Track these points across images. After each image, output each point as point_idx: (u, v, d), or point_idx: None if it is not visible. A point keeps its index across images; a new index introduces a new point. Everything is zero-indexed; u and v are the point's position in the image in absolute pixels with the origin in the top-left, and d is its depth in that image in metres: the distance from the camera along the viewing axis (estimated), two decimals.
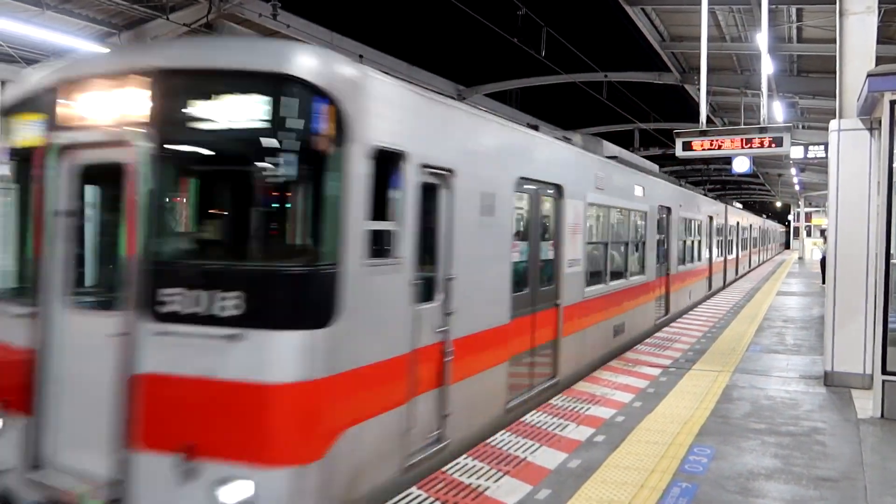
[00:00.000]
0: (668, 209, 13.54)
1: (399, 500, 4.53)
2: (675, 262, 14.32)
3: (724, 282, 22.19)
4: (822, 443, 5.98)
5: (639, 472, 5.18)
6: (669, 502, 4.62)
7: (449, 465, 5.20)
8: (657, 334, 11.95)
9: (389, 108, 4.61)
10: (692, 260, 16.46)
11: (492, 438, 5.89)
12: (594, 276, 9.12)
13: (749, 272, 30.22)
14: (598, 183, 9.08)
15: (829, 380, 8.14)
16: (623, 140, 29.10)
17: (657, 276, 12.79)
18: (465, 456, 5.43)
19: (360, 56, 14.12)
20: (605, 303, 9.51)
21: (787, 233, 66.95)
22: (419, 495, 4.62)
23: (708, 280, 18.99)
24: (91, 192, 4.77)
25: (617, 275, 10.29)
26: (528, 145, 7.08)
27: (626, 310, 10.66)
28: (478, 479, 4.95)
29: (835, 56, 8.52)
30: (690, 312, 15.19)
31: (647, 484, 4.94)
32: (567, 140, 9.01)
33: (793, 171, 32.29)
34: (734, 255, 24.83)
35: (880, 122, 7.25)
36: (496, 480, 4.93)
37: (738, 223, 25.67)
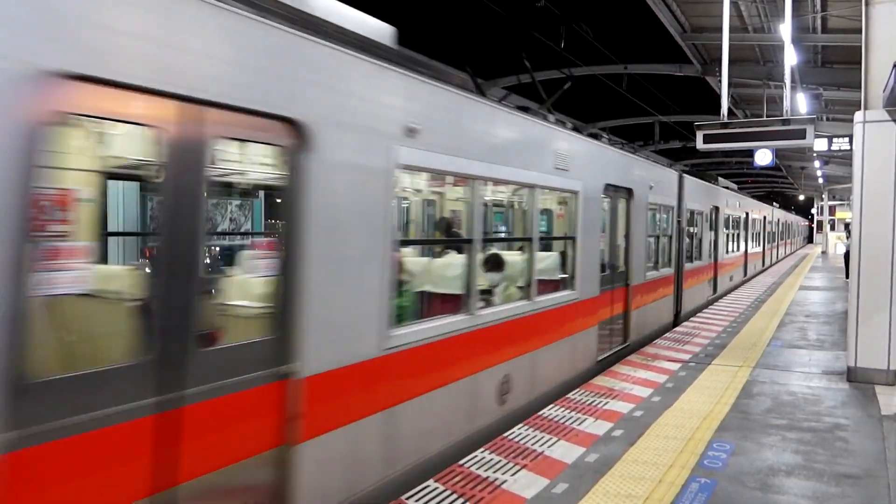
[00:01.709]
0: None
1: (417, 493, 4.55)
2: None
3: (745, 274, 22.31)
4: (845, 439, 5.90)
5: (657, 467, 5.15)
6: (688, 497, 4.59)
7: (466, 459, 5.21)
8: (677, 328, 11.86)
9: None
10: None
11: (509, 432, 5.88)
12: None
13: (765, 270, 29.34)
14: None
15: (852, 375, 8.03)
16: (643, 133, 28.86)
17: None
18: (482, 449, 5.43)
19: None
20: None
21: (809, 225, 65.89)
22: (436, 488, 4.63)
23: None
24: None
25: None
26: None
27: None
28: (495, 472, 4.95)
29: (860, 46, 8.36)
30: (715, 303, 15.24)
31: (666, 479, 4.91)
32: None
33: (816, 163, 31.82)
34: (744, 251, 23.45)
35: None
36: (513, 474, 4.93)
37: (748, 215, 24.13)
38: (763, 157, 14.30)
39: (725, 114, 10.57)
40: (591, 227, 8.32)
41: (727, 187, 20.39)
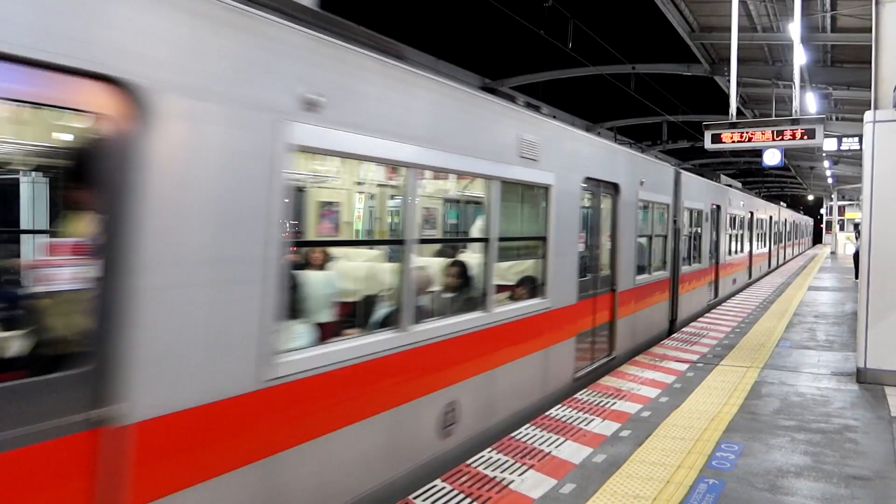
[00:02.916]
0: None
1: (423, 492, 4.55)
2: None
3: (750, 276, 22.01)
4: (854, 440, 5.87)
5: (665, 467, 5.14)
6: (696, 498, 4.57)
7: (473, 459, 5.21)
8: (684, 329, 11.82)
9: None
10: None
11: (517, 432, 5.88)
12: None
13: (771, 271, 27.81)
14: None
15: (861, 377, 7.98)
16: (651, 133, 28.79)
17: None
18: (489, 449, 5.43)
19: None
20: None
21: (817, 226, 65.23)
22: (443, 487, 4.63)
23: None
24: None
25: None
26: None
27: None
28: (502, 472, 4.95)
29: (870, 45, 8.31)
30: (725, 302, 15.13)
31: (674, 480, 4.89)
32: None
33: (826, 163, 31.66)
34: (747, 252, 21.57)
35: None
36: (521, 474, 4.92)
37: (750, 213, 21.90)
38: (772, 157, 14.25)
39: (734, 113, 10.54)
40: (567, 226, 7.24)
41: (730, 185, 19.43)
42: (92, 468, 2.70)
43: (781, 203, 36.33)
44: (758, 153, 18.32)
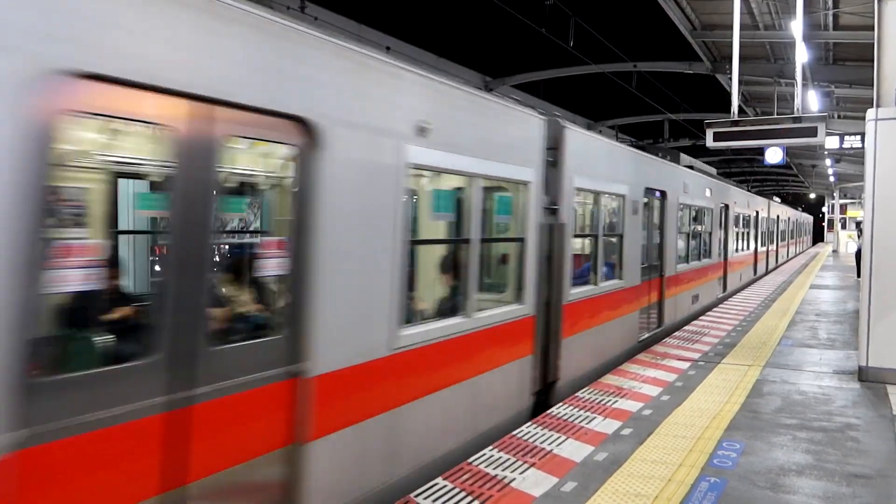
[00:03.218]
0: (664, 194, 11.46)
1: (425, 490, 4.55)
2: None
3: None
4: (856, 439, 5.87)
5: (666, 466, 5.14)
6: (698, 497, 4.57)
7: (474, 457, 5.21)
8: (686, 327, 11.81)
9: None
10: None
11: (518, 430, 5.88)
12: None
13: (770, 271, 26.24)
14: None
15: (863, 375, 7.97)
16: (652, 131, 28.76)
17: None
18: (490, 448, 5.43)
19: (388, 48, 14.13)
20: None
21: (819, 224, 64.92)
22: (445, 486, 4.63)
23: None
24: None
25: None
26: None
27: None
28: (504, 470, 4.95)
29: (872, 43, 8.30)
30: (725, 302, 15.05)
31: (675, 478, 4.89)
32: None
33: (827, 162, 31.62)
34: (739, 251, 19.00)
35: None
36: (522, 472, 4.92)
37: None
38: (773, 156, 14.23)
39: (736, 111, 10.53)
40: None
41: (691, 167, 14.29)
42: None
43: (774, 198, 32.83)
44: (759, 152, 18.30)
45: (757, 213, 22.05)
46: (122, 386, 2.91)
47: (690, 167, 14.14)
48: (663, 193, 11.09)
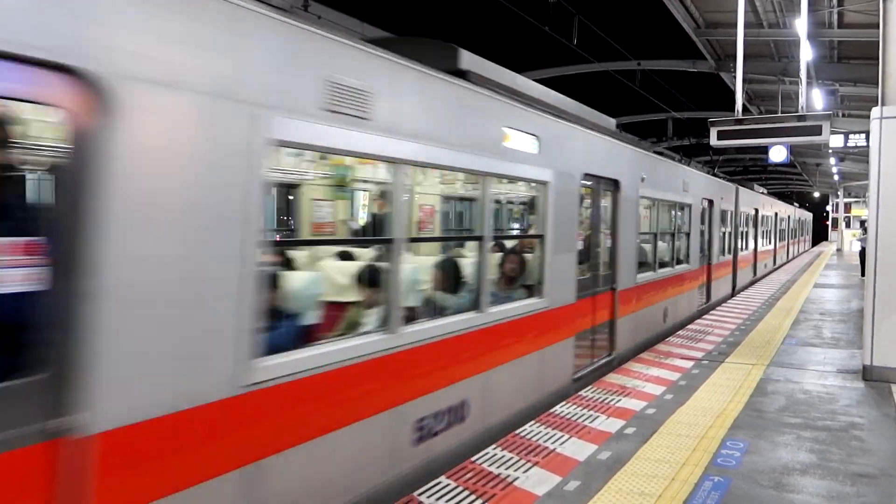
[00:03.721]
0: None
1: (428, 489, 4.56)
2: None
3: (755, 273, 21.71)
4: (860, 438, 5.85)
5: (670, 465, 5.13)
6: (701, 496, 4.56)
7: (477, 455, 5.21)
8: (690, 326, 11.79)
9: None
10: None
11: (521, 429, 5.88)
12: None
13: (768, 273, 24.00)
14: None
15: (867, 374, 7.95)
16: (656, 130, 28.71)
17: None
18: (493, 446, 5.43)
19: None
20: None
21: (822, 222, 64.58)
22: (448, 484, 4.63)
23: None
24: None
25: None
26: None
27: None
28: (506, 469, 4.95)
29: (877, 41, 8.27)
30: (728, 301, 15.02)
31: (679, 477, 4.88)
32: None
33: (832, 160, 31.55)
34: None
35: None
36: (525, 471, 4.92)
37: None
38: (778, 154, 14.21)
39: (740, 110, 10.50)
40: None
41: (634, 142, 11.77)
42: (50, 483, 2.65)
43: (758, 187, 25.43)
44: (764, 150, 18.27)
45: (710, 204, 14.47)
46: None
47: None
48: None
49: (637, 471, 5.00)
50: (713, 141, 10.11)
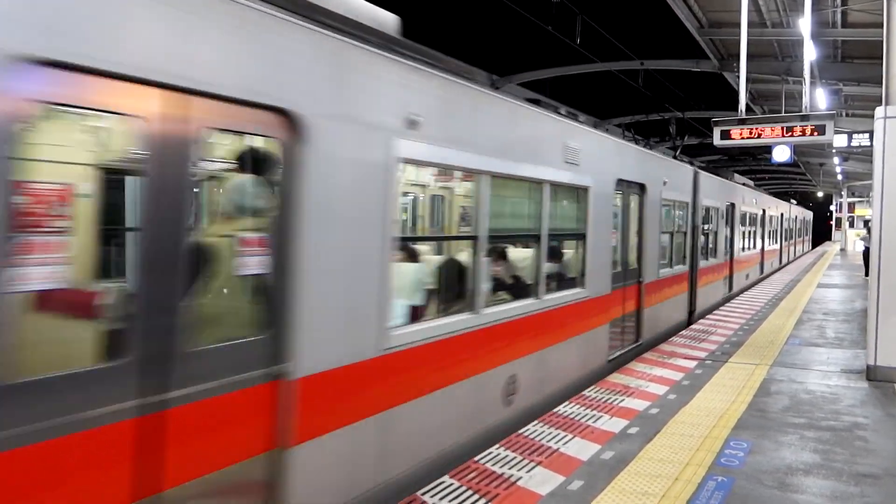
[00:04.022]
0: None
1: (432, 488, 4.56)
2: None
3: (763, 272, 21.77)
4: (864, 438, 5.84)
5: (673, 464, 5.13)
6: (705, 495, 4.56)
7: (481, 455, 5.22)
8: (693, 326, 11.78)
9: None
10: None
11: (524, 429, 5.88)
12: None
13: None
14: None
15: (871, 374, 7.94)
16: (659, 129, 28.67)
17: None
18: (497, 446, 5.44)
19: None
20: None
21: (826, 222, 64.29)
22: (451, 484, 4.64)
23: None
24: None
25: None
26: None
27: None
28: (510, 468, 4.95)
29: (881, 41, 8.25)
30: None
31: (682, 477, 4.88)
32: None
33: (835, 160, 31.47)
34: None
35: None
36: (529, 471, 4.93)
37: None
38: (781, 154, 14.18)
39: (743, 109, 10.49)
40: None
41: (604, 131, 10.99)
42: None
43: (738, 177, 19.79)
44: (767, 150, 18.21)
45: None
46: None
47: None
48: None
49: (640, 470, 5.00)
50: (717, 140, 10.10)
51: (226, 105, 3.29)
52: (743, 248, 18.52)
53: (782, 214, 28.33)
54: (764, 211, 22.42)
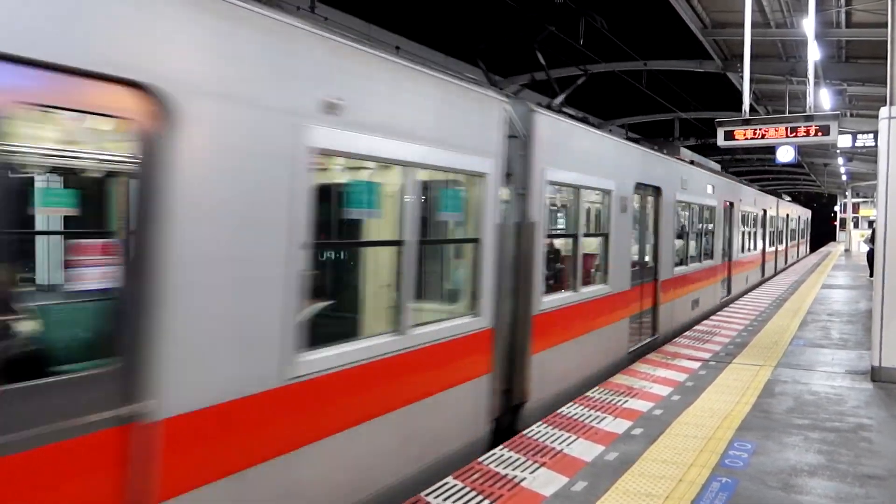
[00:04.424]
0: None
1: (436, 490, 4.56)
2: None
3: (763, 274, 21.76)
4: (869, 439, 5.83)
5: (677, 465, 5.12)
6: (709, 497, 4.55)
7: (485, 456, 5.22)
8: (696, 327, 11.76)
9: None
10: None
11: (528, 430, 5.88)
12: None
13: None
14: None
15: (876, 375, 7.91)
16: (663, 130, 28.64)
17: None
18: (500, 447, 5.43)
19: (397, 48, 14.14)
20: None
21: (830, 222, 64.00)
22: (455, 485, 4.64)
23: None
24: None
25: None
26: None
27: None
28: (514, 469, 4.95)
29: (885, 41, 8.23)
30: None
31: (686, 478, 4.87)
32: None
33: (840, 160, 31.39)
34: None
35: None
36: (532, 472, 4.92)
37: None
38: (785, 154, 14.13)
39: (747, 110, 10.48)
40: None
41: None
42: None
43: (683, 150, 14.06)
44: (771, 150, 18.16)
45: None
46: None
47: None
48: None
49: (644, 472, 4.99)
50: (720, 141, 10.09)
51: (45, 73, 2.51)
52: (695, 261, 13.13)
53: (797, 215, 24.64)
54: (731, 204, 15.85)
